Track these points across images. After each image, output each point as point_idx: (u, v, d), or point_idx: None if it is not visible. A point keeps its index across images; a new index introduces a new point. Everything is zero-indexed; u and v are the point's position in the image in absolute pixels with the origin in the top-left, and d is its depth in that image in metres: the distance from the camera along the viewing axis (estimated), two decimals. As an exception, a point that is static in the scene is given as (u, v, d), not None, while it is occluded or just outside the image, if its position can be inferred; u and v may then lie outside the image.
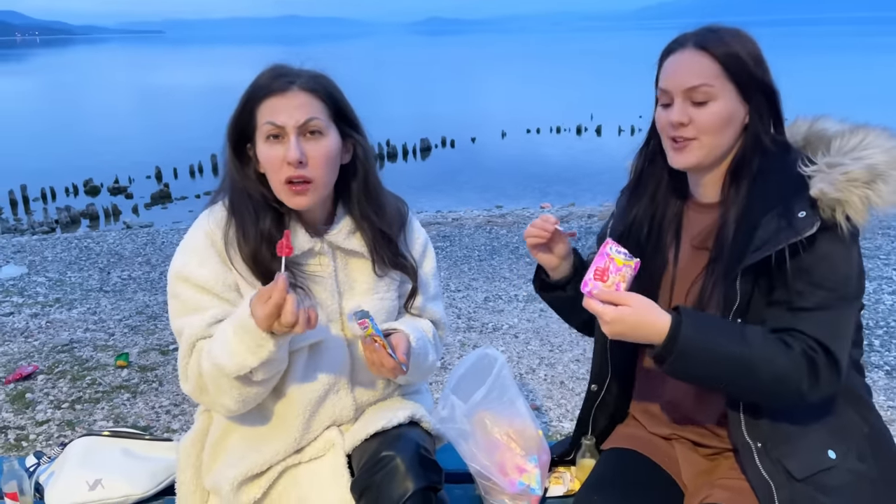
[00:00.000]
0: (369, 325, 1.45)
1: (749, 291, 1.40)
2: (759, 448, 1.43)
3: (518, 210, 8.80)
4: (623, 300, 1.35)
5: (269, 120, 1.47)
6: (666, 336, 1.33)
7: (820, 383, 1.35)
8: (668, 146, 1.48)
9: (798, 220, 1.34)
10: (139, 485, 1.88)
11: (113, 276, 5.79)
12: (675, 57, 1.45)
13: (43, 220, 10.26)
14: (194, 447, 1.68)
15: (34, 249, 6.81)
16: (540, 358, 3.99)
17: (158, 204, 11.85)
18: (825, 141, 1.43)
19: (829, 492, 1.38)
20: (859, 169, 1.32)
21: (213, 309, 1.51)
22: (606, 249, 1.40)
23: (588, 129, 18.09)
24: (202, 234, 1.55)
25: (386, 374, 1.53)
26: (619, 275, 1.38)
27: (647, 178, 1.60)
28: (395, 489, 1.44)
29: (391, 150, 15.72)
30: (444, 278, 5.47)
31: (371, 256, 1.62)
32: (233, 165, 1.55)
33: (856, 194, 1.32)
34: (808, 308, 1.36)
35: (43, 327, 4.62)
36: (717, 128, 1.41)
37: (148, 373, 3.89)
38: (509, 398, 1.92)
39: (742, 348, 1.33)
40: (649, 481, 1.55)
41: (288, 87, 1.48)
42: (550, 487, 1.87)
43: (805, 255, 1.34)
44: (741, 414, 1.44)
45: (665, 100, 1.45)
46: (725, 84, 1.41)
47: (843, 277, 1.36)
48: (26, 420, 3.39)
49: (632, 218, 1.61)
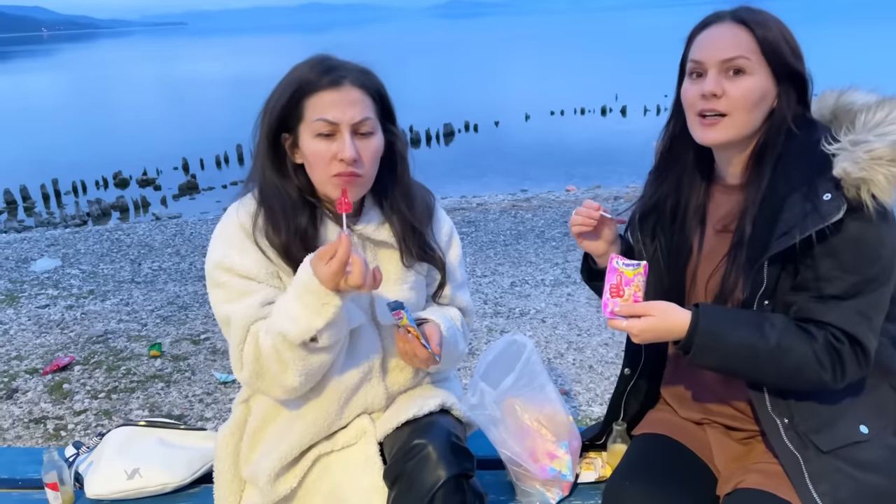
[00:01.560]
0: (404, 315, 1.46)
1: (776, 276, 1.38)
2: (785, 424, 1.41)
3: (543, 193, 8.75)
4: (645, 311, 1.37)
5: (323, 117, 1.45)
6: (686, 333, 1.36)
7: (846, 372, 1.35)
8: (695, 122, 1.44)
9: (823, 203, 1.30)
10: (176, 473, 1.92)
11: (144, 268, 5.88)
12: (711, 30, 1.42)
13: (75, 214, 10.45)
14: (233, 437, 1.70)
15: (67, 242, 6.94)
16: (568, 342, 3.98)
17: (186, 195, 11.98)
18: (850, 116, 1.39)
19: (864, 466, 1.36)
20: (884, 146, 1.28)
21: (261, 292, 1.51)
22: (613, 265, 1.42)
23: (613, 110, 17.89)
24: (236, 226, 1.54)
25: (419, 365, 1.54)
26: (633, 285, 1.40)
27: (672, 161, 1.57)
28: (428, 477, 1.45)
29: (414, 135, 15.70)
30: (469, 264, 5.47)
31: (399, 247, 1.62)
32: (267, 158, 1.53)
33: (881, 172, 1.28)
34: (836, 296, 1.33)
35: (78, 319, 4.72)
36: (750, 104, 1.38)
37: (180, 362, 3.96)
38: (539, 384, 1.92)
39: (761, 341, 1.33)
40: (682, 467, 1.54)
41: (341, 82, 1.46)
42: (582, 473, 1.87)
43: (832, 239, 1.31)
44: (765, 394, 1.43)
45: (697, 70, 1.41)
46: (761, 61, 1.38)
47: (873, 259, 1.32)
48: (64, 410, 3.47)
49: (655, 201, 1.59)
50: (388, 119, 1.57)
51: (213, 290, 1.56)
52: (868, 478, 1.36)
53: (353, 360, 1.60)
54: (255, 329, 1.48)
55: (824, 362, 1.33)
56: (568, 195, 8.41)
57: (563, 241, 5.99)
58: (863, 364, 1.35)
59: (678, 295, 1.55)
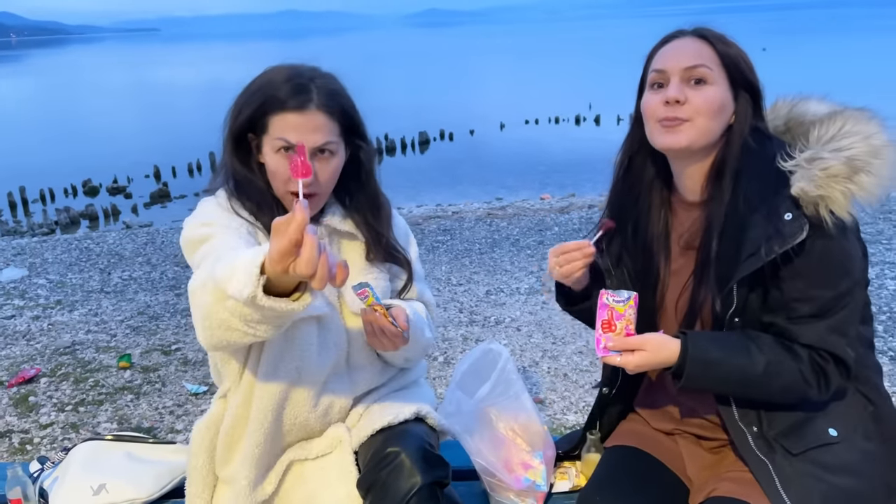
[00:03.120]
0: (370, 293, 1.45)
1: (745, 295, 1.39)
2: (754, 432, 1.43)
3: (518, 202, 8.78)
4: (639, 345, 1.39)
5: (284, 137, 1.47)
6: (676, 361, 1.38)
7: (830, 386, 1.38)
8: (655, 129, 1.43)
9: (786, 224, 1.32)
10: (143, 488, 1.88)
11: (114, 277, 5.78)
12: (672, 43, 1.45)
13: (42, 222, 10.24)
14: (209, 431, 1.67)
15: (34, 251, 6.80)
16: (543, 350, 3.98)
17: (158, 203, 11.82)
18: (804, 129, 1.42)
19: (833, 469, 1.38)
20: (839, 164, 1.30)
21: (237, 237, 1.48)
22: (604, 301, 1.43)
23: (587, 119, 18.03)
24: (213, 205, 1.56)
25: (386, 346, 1.52)
26: (625, 319, 1.41)
27: (631, 179, 1.57)
28: (403, 484, 1.45)
29: (389, 143, 15.68)
30: (445, 272, 5.47)
31: (366, 240, 1.64)
32: (233, 156, 1.56)
33: (837, 189, 1.29)
34: (811, 315, 1.36)
35: (45, 330, 4.62)
36: (712, 111, 1.39)
37: (150, 373, 3.89)
38: (514, 393, 1.92)
39: (749, 365, 1.36)
40: (653, 479, 1.54)
41: (306, 106, 1.47)
42: (556, 483, 1.87)
43: (799, 260, 1.33)
44: (733, 406, 1.45)
45: (659, 81, 1.43)
46: (721, 73, 1.41)
47: (841, 274, 1.35)
48: (30, 423, 3.39)
49: (619, 218, 1.59)
50: (355, 134, 1.58)
51: (194, 250, 1.47)
52: (839, 480, 1.37)
53: (325, 350, 1.59)
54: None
55: (811, 380, 1.37)
56: (542, 203, 8.45)
57: (538, 249, 6.01)
58: (845, 376, 1.39)
59: (649, 316, 1.55)
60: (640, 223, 1.57)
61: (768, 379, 1.36)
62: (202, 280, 1.27)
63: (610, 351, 1.41)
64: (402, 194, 9.85)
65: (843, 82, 17.53)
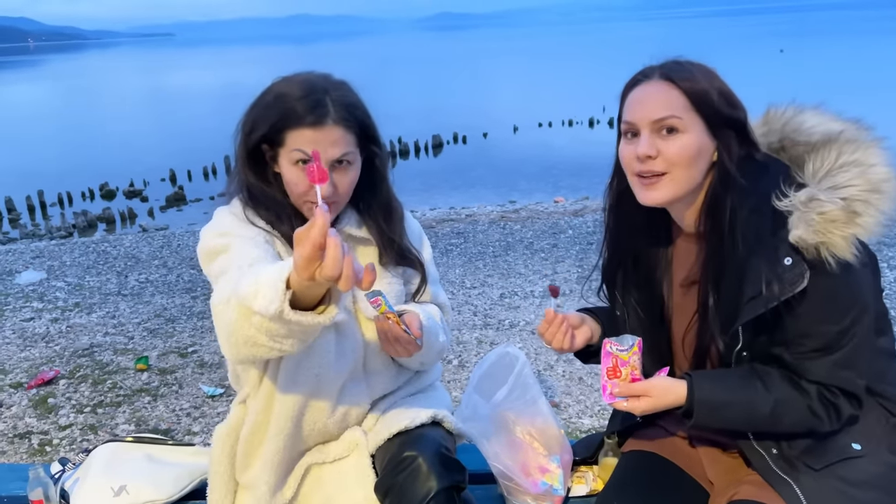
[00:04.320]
0: (382, 302, 1.45)
1: (750, 335, 1.37)
2: (773, 454, 1.42)
3: (532, 205, 8.77)
4: (644, 391, 1.40)
5: (301, 149, 1.47)
6: (684, 404, 1.39)
7: (841, 418, 1.37)
8: (635, 183, 1.39)
9: (786, 269, 1.28)
10: (163, 490, 1.89)
11: (131, 280, 5.83)
12: (640, 89, 1.38)
13: (60, 225, 10.36)
14: (229, 437, 1.68)
15: (53, 254, 6.87)
16: (558, 354, 3.97)
17: (173, 206, 11.92)
18: (798, 153, 1.37)
19: (858, 484, 1.36)
20: (837, 209, 1.25)
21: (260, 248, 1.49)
22: (608, 349, 1.43)
23: (600, 122, 17.97)
24: (228, 215, 1.57)
25: (400, 352, 1.54)
26: (629, 366, 1.42)
27: (623, 217, 1.53)
28: (419, 489, 1.45)
29: (403, 147, 15.72)
30: (459, 275, 5.47)
31: (378, 245, 1.65)
32: (247, 168, 1.56)
33: (837, 235, 1.25)
34: (817, 351, 1.33)
35: (63, 332, 4.67)
36: (687, 161, 1.34)
37: (168, 375, 3.92)
38: (531, 397, 1.92)
39: (758, 405, 1.36)
40: (671, 483, 1.54)
41: (323, 121, 1.47)
42: (573, 487, 1.86)
43: (800, 301, 1.30)
44: (750, 436, 1.45)
45: (631, 131, 1.39)
46: (694, 118, 1.34)
47: (847, 308, 1.31)
48: (49, 425, 3.43)
49: (617, 260, 1.57)
50: (370, 140, 1.58)
51: (210, 261, 1.49)
52: (864, 495, 1.36)
53: (343, 357, 1.60)
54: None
55: (821, 414, 1.35)
56: (556, 206, 8.43)
57: (552, 252, 6.00)
58: (856, 406, 1.38)
59: (660, 348, 1.55)
60: (641, 257, 1.55)
61: (778, 417, 1.36)
62: (225, 297, 1.28)
63: (616, 397, 1.42)
64: (415, 197, 9.87)
65: (859, 84, 17.38)
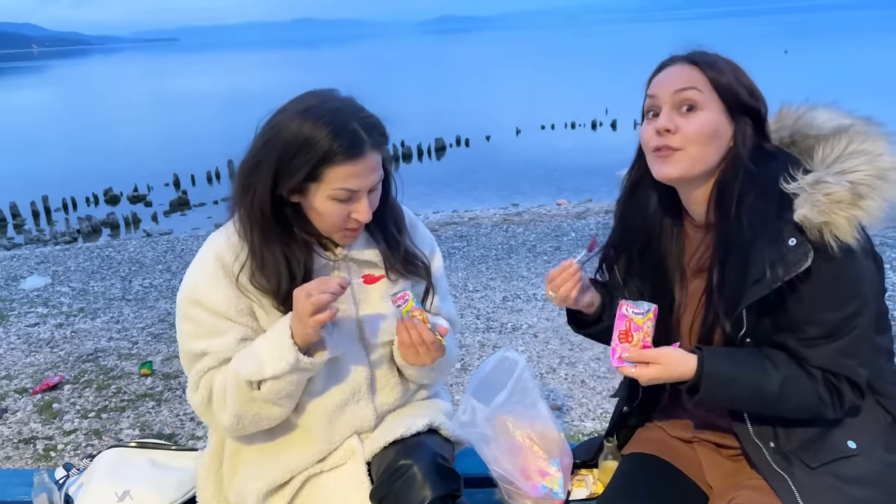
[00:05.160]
0: (410, 298, 1.46)
1: (755, 319, 1.39)
2: (770, 448, 1.43)
3: (534, 207, 8.78)
4: (654, 358, 1.38)
5: (345, 187, 1.44)
6: (693, 377, 1.37)
7: (844, 405, 1.38)
8: (652, 159, 1.44)
9: (790, 250, 1.30)
10: (167, 495, 1.90)
11: (135, 285, 5.86)
12: (664, 71, 1.44)
13: (65, 230, 10.40)
14: (212, 463, 1.71)
15: (57, 259, 6.90)
16: (560, 357, 3.98)
17: (177, 211, 11.96)
18: (809, 145, 1.39)
19: (854, 481, 1.37)
20: (843, 190, 1.28)
21: (233, 331, 1.52)
22: (623, 311, 1.42)
23: (603, 124, 17.99)
24: (212, 258, 1.54)
25: (423, 358, 1.53)
26: (643, 331, 1.40)
27: (636, 201, 1.56)
28: (414, 497, 1.45)
29: (406, 150, 15.75)
30: (461, 278, 5.48)
31: (384, 265, 1.63)
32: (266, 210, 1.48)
33: (841, 216, 1.27)
34: (820, 338, 1.35)
35: (68, 337, 4.69)
36: (704, 138, 1.37)
37: (171, 380, 3.93)
38: (531, 401, 1.92)
39: (765, 382, 1.36)
40: (671, 486, 1.54)
41: (362, 153, 1.43)
42: (573, 490, 1.87)
43: (807, 285, 1.32)
44: (748, 423, 1.45)
45: (653, 109, 1.43)
46: (713, 97, 1.38)
47: (850, 296, 1.33)
48: (54, 430, 3.45)
49: (625, 240, 1.59)
50: None
51: (181, 322, 1.56)
52: (859, 493, 1.36)
53: (340, 382, 1.60)
54: (227, 367, 1.52)
55: (825, 398, 1.36)
56: (559, 209, 8.45)
57: (555, 255, 6.01)
58: (858, 395, 1.39)
59: (664, 337, 1.55)
60: (651, 245, 1.56)
61: (784, 397, 1.36)
62: (219, 397, 1.51)
63: (625, 362, 1.40)
64: (418, 201, 9.88)
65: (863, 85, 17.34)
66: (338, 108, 1.45)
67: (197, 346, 1.53)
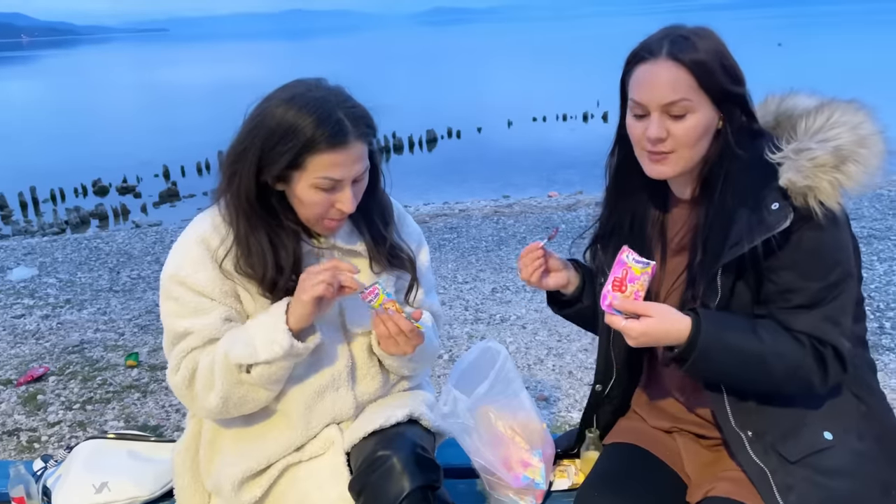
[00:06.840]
0: (380, 290, 1.45)
1: (730, 286, 1.38)
2: (749, 437, 1.42)
3: (525, 199, 8.76)
4: (645, 310, 1.35)
5: (328, 175, 1.43)
6: (687, 339, 1.34)
7: (829, 377, 1.37)
8: (643, 157, 1.44)
9: (771, 213, 1.31)
10: (145, 487, 1.89)
11: (123, 276, 5.82)
12: (647, 67, 1.38)
13: (53, 222, 10.33)
14: (188, 451, 1.69)
15: (44, 251, 6.85)
16: (548, 348, 3.98)
17: (167, 202, 11.90)
18: (792, 122, 1.40)
19: (830, 473, 1.37)
20: (826, 154, 1.30)
21: (217, 310, 1.51)
22: (623, 258, 1.38)
23: (594, 116, 17.96)
24: (197, 239, 1.53)
25: (402, 347, 1.52)
26: (637, 284, 1.37)
27: (624, 181, 1.57)
28: (392, 488, 1.45)
29: (397, 142, 15.70)
30: (451, 270, 5.47)
31: (369, 255, 1.63)
32: (251, 198, 1.48)
33: (825, 179, 1.29)
34: (805, 305, 1.35)
35: (54, 328, 4.66)
36: (695, 140, 1.38)
37: (158, 372, 3.91)
38: (513, 391, 1.91)
39: (758, 346, 1.34)
40: (651, 476, 1.54)
41: (346, 142, 1.42)
42: (555, 481, 1.87)
43: (787, 249, 1.33)
44: (727, 407, 1.44)
45: (639, 111, 1.41)
46: (701, 96, 1.37)
47: (833, 264, 1.34)
48: (38, 422, 3.42)
49: (615, 220, 1.59)
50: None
51: (165, 301, 1.55)
52: (836, 484, 1.37)
53: (320, 369, 1.59)
54: (213, 347, 1.51)
55: (814, 367, 1.35)
56: (550, 201, 8.43)
57: (545, 246, 6.00)
58: (840, 368, 1.38)
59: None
60: (636, 220, 1.57)
61: (775, 361, 1.34)
62: (205, 379, 1.50)
63: (615, 310, 1.36)
64: (409, 192, 9.85)
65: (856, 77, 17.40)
66: (323, 96, 1.45)
67: (180, 325, 1.52)
